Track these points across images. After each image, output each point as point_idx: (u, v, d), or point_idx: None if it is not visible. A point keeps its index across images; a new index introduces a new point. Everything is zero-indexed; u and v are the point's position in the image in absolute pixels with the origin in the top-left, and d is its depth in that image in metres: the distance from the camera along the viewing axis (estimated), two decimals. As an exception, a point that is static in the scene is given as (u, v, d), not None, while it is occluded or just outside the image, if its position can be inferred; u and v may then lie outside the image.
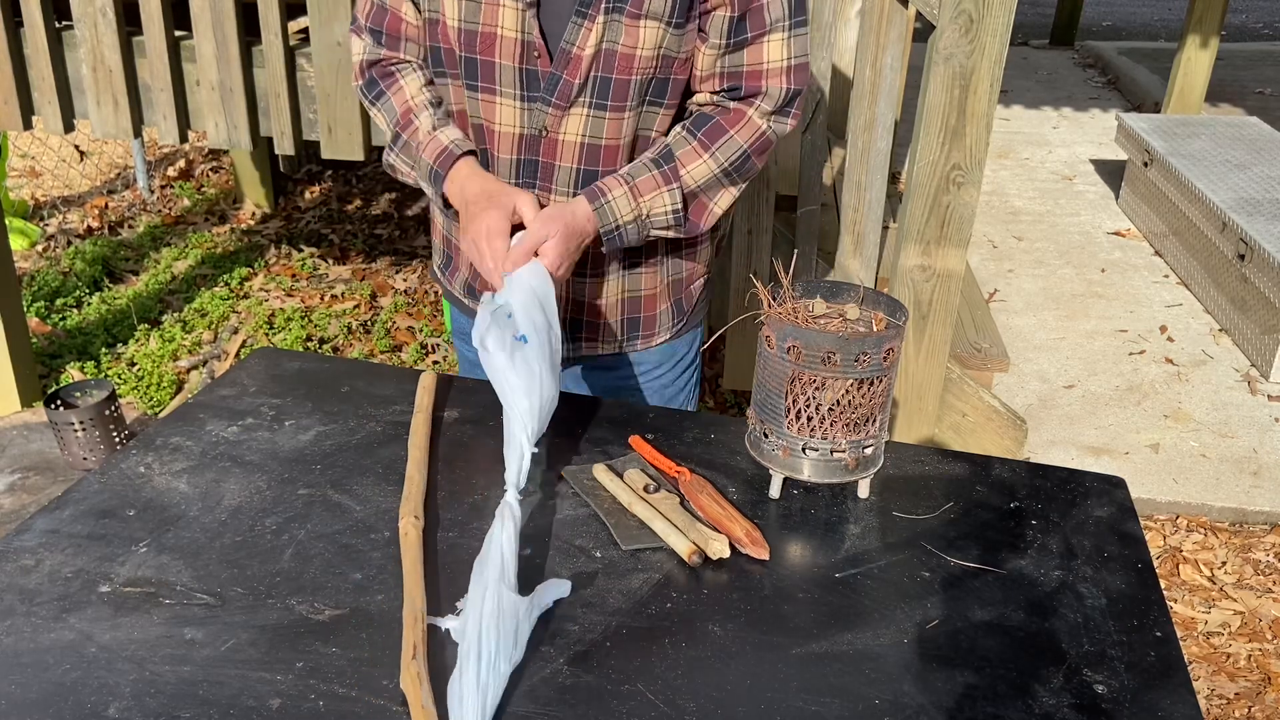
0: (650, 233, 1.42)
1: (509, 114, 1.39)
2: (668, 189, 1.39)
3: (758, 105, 1.40)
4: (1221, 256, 3.89)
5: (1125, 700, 0.96)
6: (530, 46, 1.34)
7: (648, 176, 1.38)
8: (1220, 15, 5.65)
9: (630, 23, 1.31)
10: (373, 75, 1.49)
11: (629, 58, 1.33)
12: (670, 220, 1.41)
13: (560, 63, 1.34)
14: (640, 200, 1.38)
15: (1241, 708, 2.28)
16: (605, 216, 1.36)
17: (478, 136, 1.44)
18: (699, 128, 1.40)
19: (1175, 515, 2.91)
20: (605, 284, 1.51)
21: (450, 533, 1.16)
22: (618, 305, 1.54)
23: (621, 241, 1.40)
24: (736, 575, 1.11)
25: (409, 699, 0.91)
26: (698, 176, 1.40)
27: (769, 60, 1.38)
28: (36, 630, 1.00)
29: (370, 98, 1.50)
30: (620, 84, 1.35)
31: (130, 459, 1.28)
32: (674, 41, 1.34)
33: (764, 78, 1.38)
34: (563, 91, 1.35)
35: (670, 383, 1.65)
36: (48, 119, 2.77)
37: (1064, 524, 1.22)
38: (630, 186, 1.37)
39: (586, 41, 1.32)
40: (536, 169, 1.42)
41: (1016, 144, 6.08)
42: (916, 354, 2.39)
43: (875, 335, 1.15)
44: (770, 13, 1.35)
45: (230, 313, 3.92)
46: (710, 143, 1.39)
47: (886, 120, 2.77)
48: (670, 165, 1.39)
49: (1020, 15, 10.05)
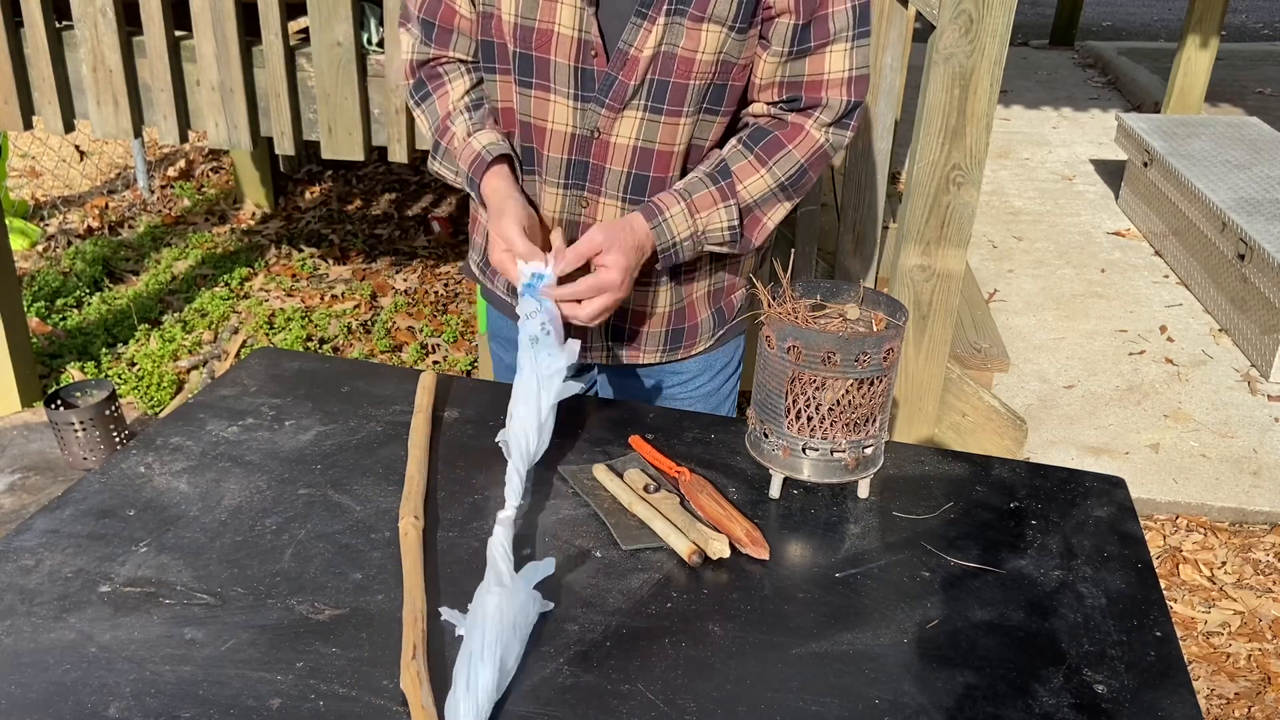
0: (704, 248, 1.39)
1: (561, 113, 1.36)
2: (724, 205, 1.36)
3: (816, 117, 1.36)
4: (1221, 256, 3.89)
5: (1125, 700, 0.96)
6: (587, 45, 1.31)
7: (705, 193, 1.35)
8: (1220, 15, 5.65)
9: (692, 26, 1.28)
10: (421, 77, 1.47)
11: (689, 61, 1.30)
12: (726, 236, 1.38)
13: (616, 63, 1.31)
14: (697, 217, 1.35)
15: (1241, 708, 2.28)
16: (663, 235, 1.34)
17: (526, 134, 1.40)
18: (756, 141, 1.37)
19: (1175, 515, 2.92)
20: (651, 294, 1.49)
21: (450, 533, 1.16)
22: (664, 315, 1.51)
23: (677, 258, 1.37)
24: (736, 575, 1.11)
25: (409, 699, 0.91)
26: (754, 192, 1.37)
27: (830, 71, 1.33)
28: (36, 630, 1.00)
29: (417, 99, 1.48)
30: (678, 88, 1.32)
31: (130, 459, 1.28)
32: (735, 47, 1.31)
33: (824, 88, 1.34)
34: (617, 93, 1.32)
35: (713, 392, 1.62)
36: (48, 119, 2.77)
37: (1064, 524, 1.22)
38: (687, 203, 1.35)
39: (645, 43, 1.29)
40: (586, 171, 1.39)
41: (1016, 144, 6.09)
42: (916, 354, 2.39)
43: (875, 335, 1.15)
44: (835, 22, 1.31)
45: (230, 313, 3.92)
46: (768, 157, 1.36)
47: (886, 120, 2.77)
48: (727, 181, 1.36)
49: (1020, 15, 10.04)
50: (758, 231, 1.42)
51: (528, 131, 1.40)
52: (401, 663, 0.95)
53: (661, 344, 1.54)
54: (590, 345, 1.53)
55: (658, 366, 1.57)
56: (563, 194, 1.42)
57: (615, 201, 1.40)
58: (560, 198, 1.42)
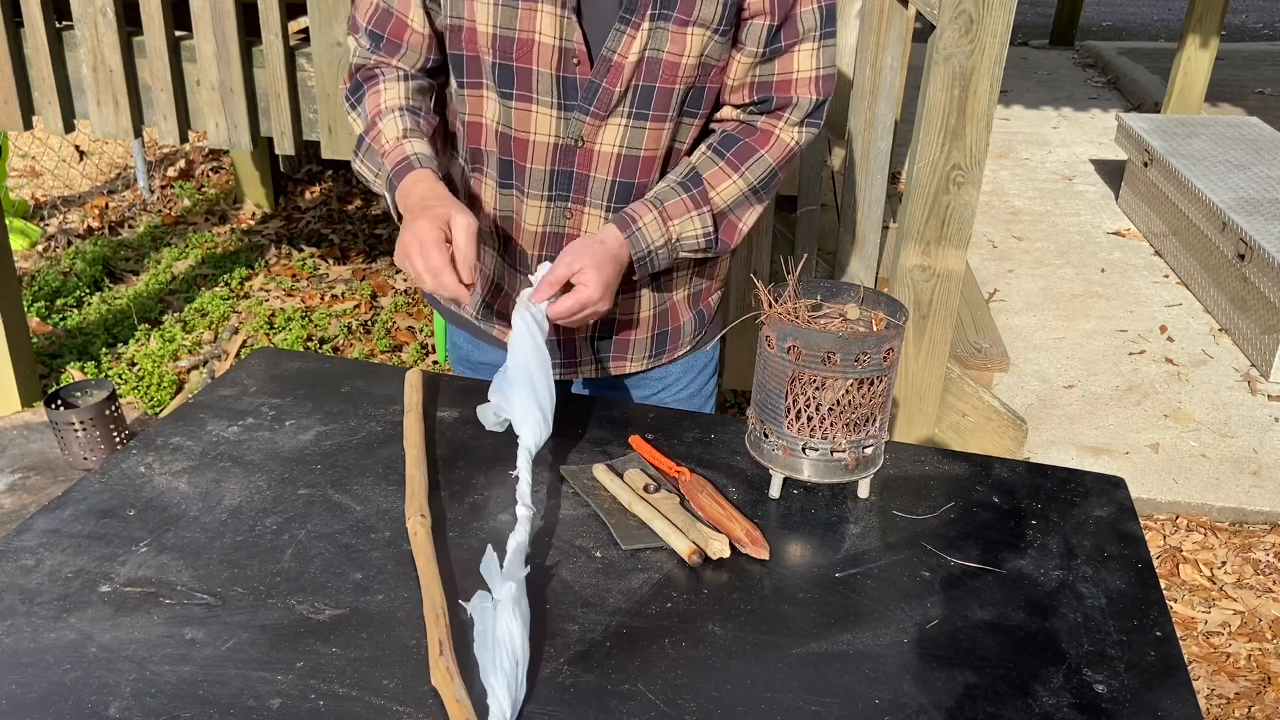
0: (680, 255, 1.39)
1: (544, 123, 1.34)
2: (697, 213, 1.36)
3: (786, 118, 1.38)
4: (1221, 256, 3.89)
5: (1125, 700, 0.96)
6: (569, 53, 1.29)
7: (676, 200, 1.36)
8: (1220, 15, 5.65)
9: (677, 30, 1.28)
10: (358, 79, 1.43)
11: (674, 66, 1.30)
12: (702, 244, 1.39)
13: (600, 70, 1.30)
14: (670, 224, 1.35)
15: (1241, 707, 2.28)
16: (637, 243, 1.34)
17: (505, 147, 1.37)
18: (727, 148, 1.37)
19: (1175, 515, 2.91)
20: (634, 301, 1.49)
21: (452, 532, 1.16)
22: (648, 321, 1.52)
23: (653, 266, 1.37)
24: (736, 575, 1.11)
25: (442, 694, 0.91)
26: (727, 197, 1.38)
27: (799, 70, 1.35)
28: (36, 630, 1.00)
29: (351, 101, 1.44)
30: (663, 93, 1.32)
31: (130, 459, 1.28)
32: (716, 49, 1.31)
33: (794, 87, 1.36)
34: (602, 100, 1.31)
35: (694, 393, 1.63)
36: (48, 119, 2.77)
37: (1064, 524, 1.22)
38: (659, 211, 1.35)
39: (629, 49, 1.28)
40: (571, 181, 1.38)
41: (1016, 144, 6.09)
42: (916, 354, 2.39)
43: (875, 335, 1.15)
44: (804, 22, 1.33)
45: (230, 313, 3.92)
46: (740, 163, 1.37)
47: (886, 120, 2.77)
48: (699, 188, 1.36)
49: (1020, 15, 10.05)
50: (734, 235, 1.43)
51: (508, 144, 1.37)
52: (430, 659, 0.95)
53: (647, 350, 1.55)
54: (579, 359, 1.53)
55: (642, 374, 1.58)
56: (546, 206, 1.40)
57: (600, 211, 1.40)
58: (544, 210, 1.40)
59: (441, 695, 0.92)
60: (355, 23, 1.43)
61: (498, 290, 1.50)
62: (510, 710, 0.90)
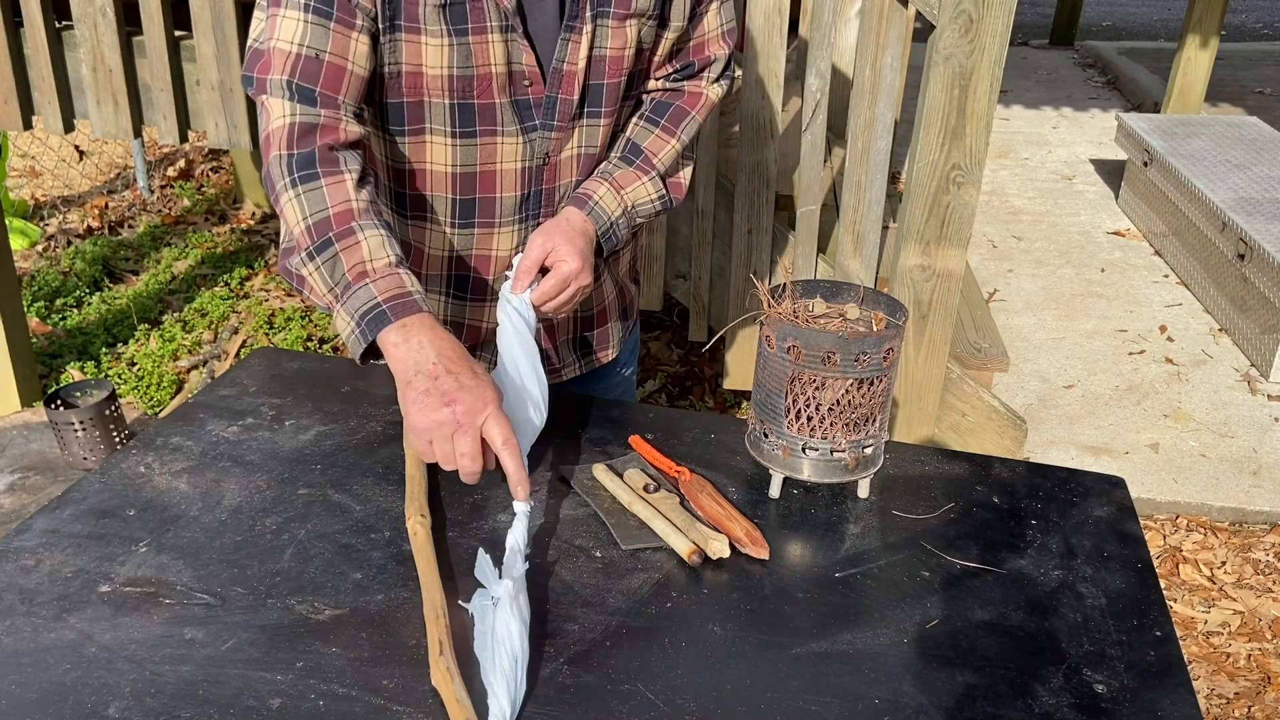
0: (637, 221, 1.43)
1: (510, 151, 1.32)
2: (648, 178, 1.41)
3: (708, 77, 1.45)
4: (1221, 256, 3.89)
5: (1125, 700, 0.96)
6: (520, 76, 1.27)
7: (624, 171, 1.40)
8: (1220, 15, 5.65)
9: (617, 25, 1.30)
10: (315, 152, 1.15)
11: (618, 60, 1.32)
12: (657, 206, 1.43)
13: (554, 83, 1.29)
14: (624, 193, 1.39)
15: (1241, 707, 2.28)
16: (599, 217, 1.36)
17: (469, 186, 1.33)
18: (660, 114, 1.43)
19: (1175, 515, 2.92)
20: (601, 290, 1.51)
21: (452, 532, 1.16)
22: (614, 305, 1.56)
23: (616, 239, 1.39)
24: (736, 575, 1.11)
25: (442, 694, 0.91)
26: (667, 160, 1.43)
27: (709, 29, 1.41)
28: (36, 630, 1.00)
29: (298, 176, 1.15)
30: (611, 88, 1.35)
31: (130, 459, 1.28)
32: (650, 34, 1.35)
33: (707, 47, 1.42)
34: (563, 112, 1.32)
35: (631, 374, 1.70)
36: (48, 119, 2.77)
37: (1064, 524, 1.22)
38: (611, 183, 1.38)
39: (577, 55, 1.29)
40: (541, 198, 1.38)
41: (1016, 144, 6.09)
42: (916, 354, 2.39)
43: (875, 335, 1.15)
44: None
45: (230, 313, 3.92)
46: (675, 127, 1.42)
47: (886, 120, 2.77)
48: (641, 158, 1.41)
49: (1020, 15, 10.05)
50: (681, 191, 1.49)
51: (470, 183, 1.33)
52: (430, 659, 0.95)
53: (621, 334, 1.60)
54: (563, 363, 1.54)
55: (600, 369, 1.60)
56: (518, 229, 1.39)
57: None
58: (516, 234, 1.39)
59: (441, 695, 0.92)
60: (265, 82, 1.18)
61: (460, 329, 1.45)
62: (510, 710, 0.90)
